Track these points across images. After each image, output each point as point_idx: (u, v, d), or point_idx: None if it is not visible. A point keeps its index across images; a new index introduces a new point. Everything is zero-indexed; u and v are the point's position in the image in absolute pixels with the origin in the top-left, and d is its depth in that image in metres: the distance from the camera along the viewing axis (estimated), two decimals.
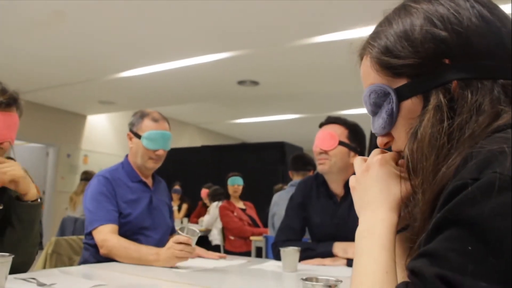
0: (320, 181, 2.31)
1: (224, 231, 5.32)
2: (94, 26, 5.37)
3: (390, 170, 0.78)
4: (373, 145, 0.91)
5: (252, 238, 4.47)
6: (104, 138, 10.99)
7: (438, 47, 0.70)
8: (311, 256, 2.13)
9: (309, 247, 2.18)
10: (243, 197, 5.60)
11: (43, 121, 9.62)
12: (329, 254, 2.10)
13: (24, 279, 1.42)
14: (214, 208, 6.24)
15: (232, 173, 5.35)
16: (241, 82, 7.39)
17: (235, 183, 5.24)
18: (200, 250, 2.27)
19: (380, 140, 0.83)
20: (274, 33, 5.31)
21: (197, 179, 8.87)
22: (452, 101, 0.69)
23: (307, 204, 2.31)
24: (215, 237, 5.90)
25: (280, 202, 4.04)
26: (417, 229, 0.71)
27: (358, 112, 10.26)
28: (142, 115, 2.32)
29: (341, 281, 1.14)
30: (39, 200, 1.61)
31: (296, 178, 4.09)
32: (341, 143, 2.16)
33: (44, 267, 2.26)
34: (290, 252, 1.92)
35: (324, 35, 5.31)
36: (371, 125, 0.84)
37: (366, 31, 0.91)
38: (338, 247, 2.10)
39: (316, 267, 2.04)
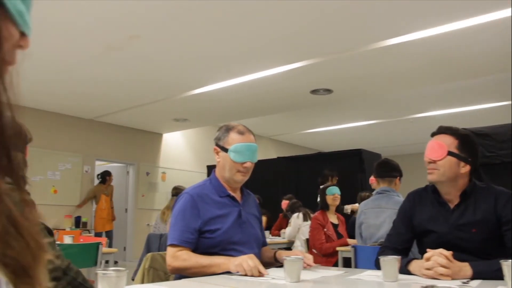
0: (430, 190, 2.29)
1: (309, 243, 5.25)
2: (166, 47, 5.56)
3: None
4: None
5: (338, 248, 4.39)
6: (180, 155, 11.30)
7: None
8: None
9: None
10: None
11: (122, 141, 10.07)
12: (403, 270, 2.01)
13: None
14: (295, 219, 6.21)
15: (327, 184, 5.31)
16: (314, 91, 7.35)
17: (334, 192, 5.19)
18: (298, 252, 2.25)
19: None
20: (345, 39, 5.25)
21: (275, 191, 8.87)
22: None
23: (414, 213, 2.29)
24: (298, 249, 5.85)
25: (367, 211, 3.94)
26: None
27: (435, 113, 9.93)
28: (227, 129, 2.32)
29: None
30: None
31: (382, 185, 3.97)
32: (450, 153, 2.14)
33: (142, 282, 2.31)
34: (390, 261, 1.86)
35: (397, 37, 5.19)
36: None
37: (438, 30, 0.85)
38: (415, 265, 2.01)
39: (417, 277, 1.96)
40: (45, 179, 8.65)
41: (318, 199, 7.12)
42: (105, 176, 9.40)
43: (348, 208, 6.56)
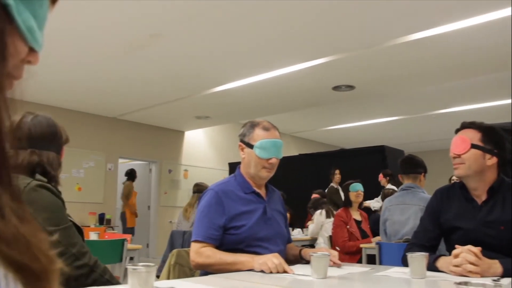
0: (457, 187, 2.27)
1: (332, 240, 5.23)
2: (187, 45, 5.58)
3: None
4: None
5: (362, 245, 4.36)
6: (202, 152, 11.35)
7: None
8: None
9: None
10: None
11: (145, 139, 10.16)
12: (431, 267, 1.97)
13: None
14: (317, 216, 6.19)
15: (350, 181, 5.28)
16: (336, 88, 7.31)
17: (358, 189, 5.15)
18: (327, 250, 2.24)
19: None
20: (368, 34, 5.20)
21: (296, 189, 8.85)
22: None
23: (442, 210, 2.27)
24: (321, 246, 5.83)
25: (391, 207, 3.91)
26: None
27: (459, 109, 9.78)
28: (252, 125, 2.32)
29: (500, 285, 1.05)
30: None
31: (407, 182, 3.94)
32: (473, 146, 2.11)
33: (168, 278, 2.32)
34: (418, 258, 1.84)
35: (420, 32, 5.12)
36: None
37: (461, 24, 0.83)
38: (443, 262, 1.98)
39: (445, 274, 1.93)
40: (70, 177, 8.78)
41: (325, 198, 7.12)
42: (134, 173, 9.52)
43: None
